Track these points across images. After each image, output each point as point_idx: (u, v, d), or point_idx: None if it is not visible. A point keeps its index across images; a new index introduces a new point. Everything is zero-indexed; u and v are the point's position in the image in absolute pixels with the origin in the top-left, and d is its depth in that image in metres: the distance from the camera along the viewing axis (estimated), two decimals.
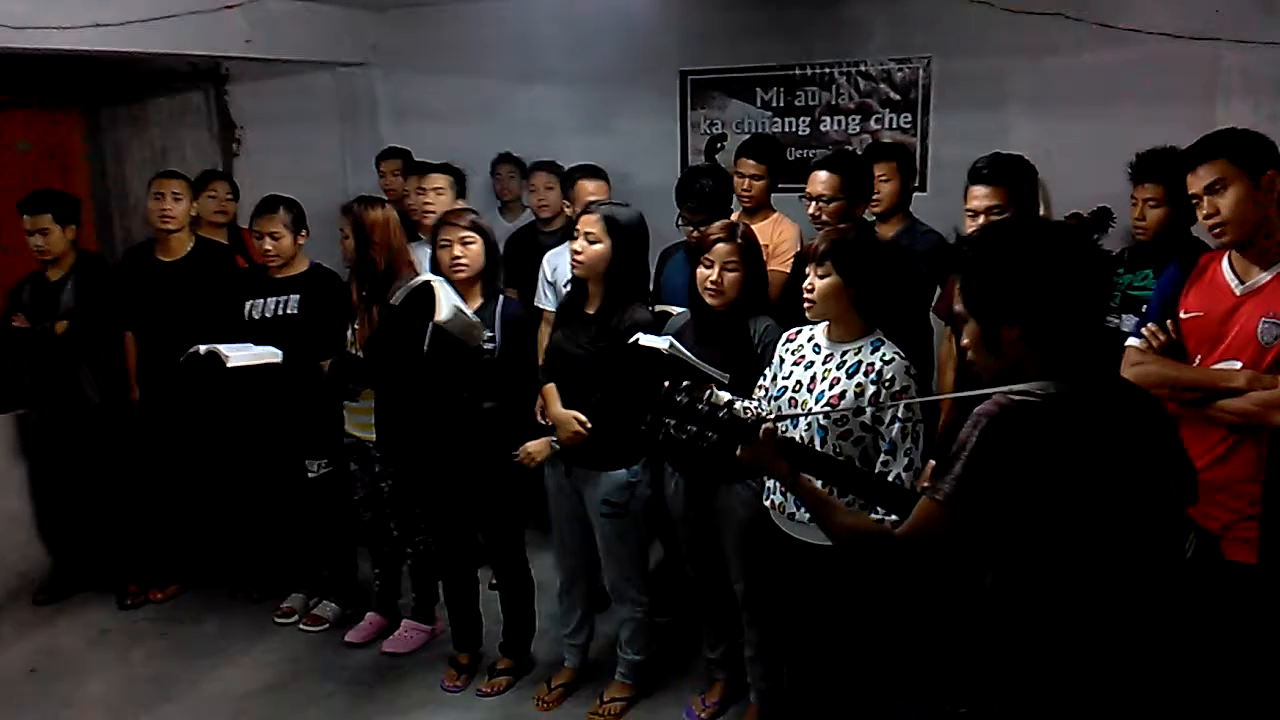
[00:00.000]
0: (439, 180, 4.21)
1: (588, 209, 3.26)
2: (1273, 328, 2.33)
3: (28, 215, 4.02)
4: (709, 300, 2.98)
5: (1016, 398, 1.62)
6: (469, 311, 3.21)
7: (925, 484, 1.73)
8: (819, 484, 2.02)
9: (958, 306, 1.74)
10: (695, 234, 3.60)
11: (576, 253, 3.15)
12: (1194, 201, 2.42)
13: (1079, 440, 1.59)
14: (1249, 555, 2.34)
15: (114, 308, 4.13)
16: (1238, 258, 2.44)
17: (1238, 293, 2.41)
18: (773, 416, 2.41)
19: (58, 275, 4.10)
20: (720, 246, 2.94)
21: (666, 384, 1.96)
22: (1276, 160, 2.36)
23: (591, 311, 3.21)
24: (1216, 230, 2.38)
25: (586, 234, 3.13)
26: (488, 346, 3.28)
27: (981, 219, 2.87)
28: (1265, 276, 2.38)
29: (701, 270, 2.98)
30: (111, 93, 6.26)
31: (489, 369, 3.29)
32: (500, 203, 5.10)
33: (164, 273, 4.11)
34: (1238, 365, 2.36)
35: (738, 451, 1.93)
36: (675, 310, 3.30)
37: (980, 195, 2.90)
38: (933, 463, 2.64)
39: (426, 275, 3.28)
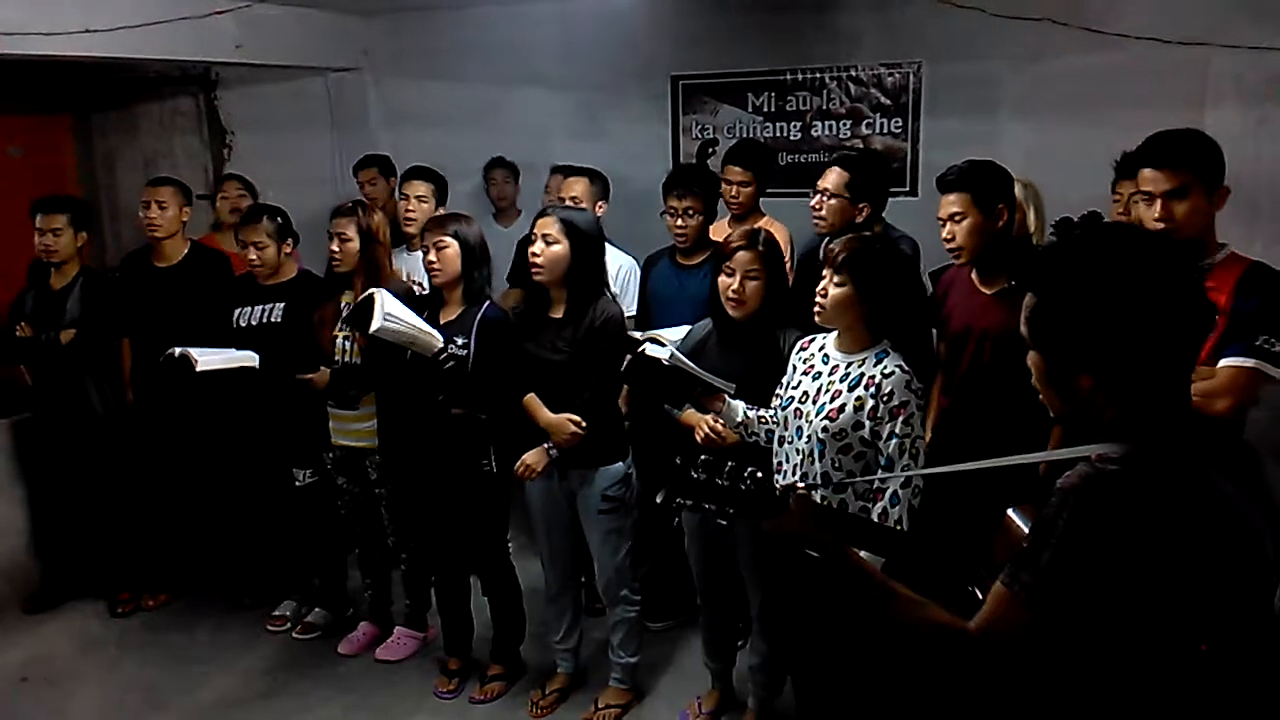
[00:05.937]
0: (421, 188, 4.20)
1: (544, 212, 3.22)
2: None
3: (41, 214, 4.01)
4: (731, 311, 2.90)
5: (1101, 467, 1.37)
6: (414, 321, 3.17)
7: (1004, 576, 1.43)
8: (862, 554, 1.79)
9: (1023, 329, 1.48)
10: (679, 226, 3.60)
11: (535, 255, 3.11)
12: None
13: (1171, 515, 1.35)
14: None
15: (117, 317, 4.13)
16: None
17: None
18: (803, 484, 2.21)
19: (61, 284, 4.09)
20: (741, 254, 2.86)
21: (678, 460, 1.77)
22: (1223, 172, 2.43)
23: (559, 315, 3.18)
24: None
25: (544, 235, 3.10)
26: (460, 353, 3.24)
27: (948, 226, 2.89)
28: None
29: (723, 279, 2.91)
30: (102, 98, 6.25)
31: (459, 376, 3.24)
32: (494, 209, 5.10)
33: (159, 278, 4.12)
34: None
35: (765, 527, 1.73)
36: (666, 335, 3.19)
37: (945, 203, 2.91)
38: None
39: (372, 288, 3.26)
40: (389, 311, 3.11)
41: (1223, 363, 2.40)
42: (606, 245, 3.37)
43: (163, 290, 4.08)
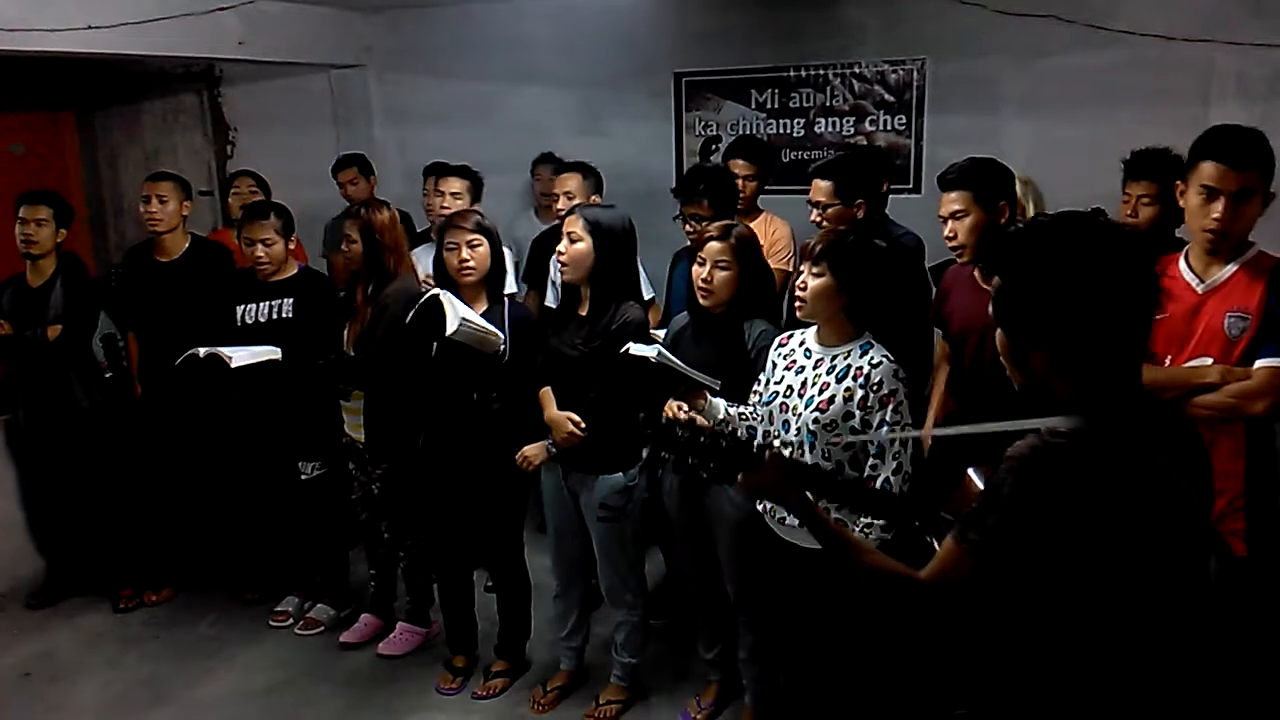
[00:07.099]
0: (456, 184, 4.18)
1: (571, 210, 3.26)
2: (1238, 321, 2.37)
3: (26, 205, 4.01)
4: (701, 300, 2.97)
5: (1049, 439, 1.48)
6: (479, 320, 3.20)
7: (955, 530, 1.57)
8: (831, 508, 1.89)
9: (990, 309, 1.59)
10: (690, 228, 3.60)
11: (560, 254, 3.15)
12: (1205, 195, 2.36)
13: (1108, 486, 1.46)
14: (1239, 547, 2.38)
15: (101, 310, 4.12)
16: (1196, 256, 2.47)
17: (1199, 290, 2.44)
18: (778, 441, 2.30)
19: (39, 280, 4.06)
20: (712, 245, 2.92)
21: (665, 419, 1.86)
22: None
23: (583, 313, 3.20)
24: (1215, 234, 2.37)
25: (569, 234, 3.13)
26: (500, 349, 3.27)
27: (950, 223, 2.89)
28: (1226, 272, 2.41)
29: (695, 269, 2.97)
30: (105, 95, 6.27)
31: (500, 371, 3.29)
32: (536, 204, 5.09)
33: (161, 273, 4.12)
34: (1209, 361, 2.40)
35: (739, 479, 1.83)
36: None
37: (946, 200, 2.91)
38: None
39: (434, 289, 3.27)
40: (464, 317, 3.14)
41: (1259, 363, 2.35)
42: None
43: (165, 285, 4.08)
